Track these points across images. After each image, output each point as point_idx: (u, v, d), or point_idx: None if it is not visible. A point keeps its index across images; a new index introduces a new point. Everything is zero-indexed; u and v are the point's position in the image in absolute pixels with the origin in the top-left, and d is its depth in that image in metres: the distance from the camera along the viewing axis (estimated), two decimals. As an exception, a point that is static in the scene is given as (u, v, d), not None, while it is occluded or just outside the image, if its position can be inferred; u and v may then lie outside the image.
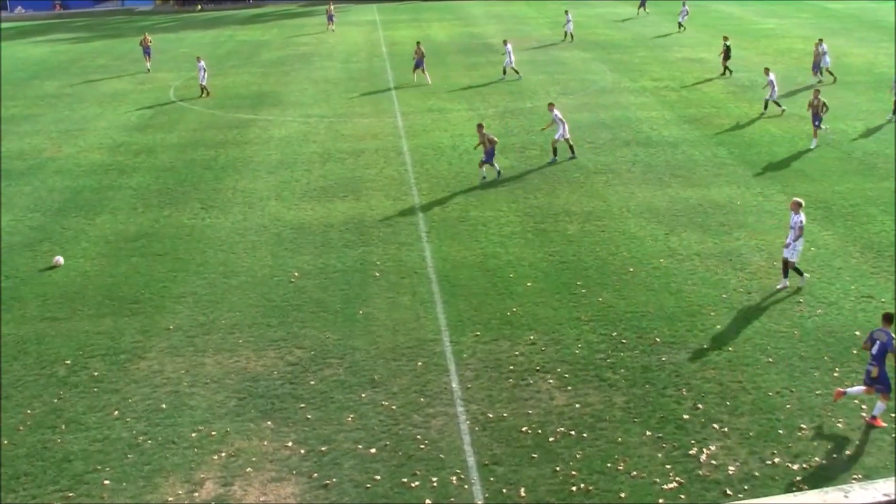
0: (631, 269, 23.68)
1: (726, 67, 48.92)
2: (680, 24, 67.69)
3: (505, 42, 51.23)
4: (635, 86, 47.32)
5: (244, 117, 42.68)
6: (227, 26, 79.81)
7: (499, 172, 31.43)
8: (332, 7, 78.37)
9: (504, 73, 50.26)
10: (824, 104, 34.60)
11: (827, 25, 69.44)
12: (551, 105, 33.72)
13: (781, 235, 25.84)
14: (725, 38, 50.44)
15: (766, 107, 39.90)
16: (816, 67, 47.34)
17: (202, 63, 48.61)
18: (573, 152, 33.82)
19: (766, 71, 40.30)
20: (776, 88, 39.88)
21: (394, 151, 35.26)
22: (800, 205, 22.20)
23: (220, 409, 17.73)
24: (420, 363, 19.19)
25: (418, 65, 49.85)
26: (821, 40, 48.36)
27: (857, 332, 20.15)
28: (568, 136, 33.37)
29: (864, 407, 17.26)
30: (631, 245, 25.39)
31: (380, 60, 57.97)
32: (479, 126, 31.70)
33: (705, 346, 19.64)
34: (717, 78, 48.08)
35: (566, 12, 66.30)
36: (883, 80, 47.32)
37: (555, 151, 33.52)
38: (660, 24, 71.52)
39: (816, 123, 34.42)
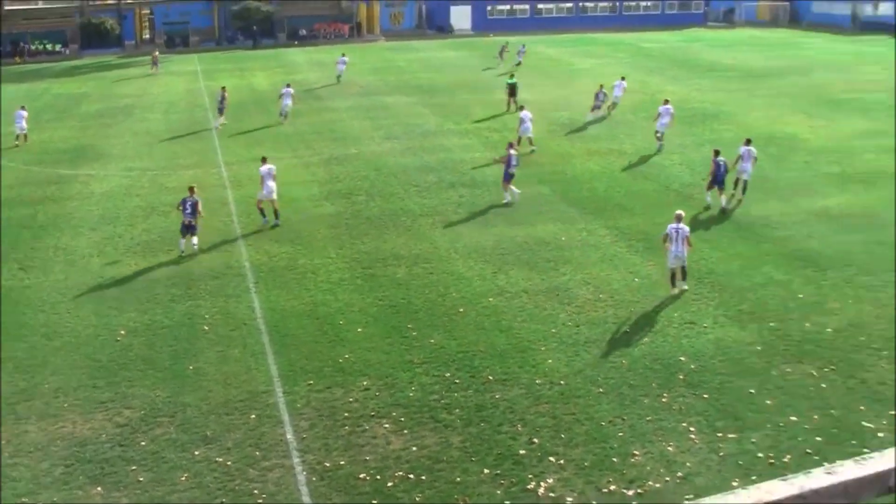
0: (461, 310, 23.83)
1: (511, 103, 50.40)
2: (519, 63, 69.87)
3: (288, 85, 52.05)
4: (459, 128, 47.95)
5: (64, 172, 41.40)
6: (44, 79, 77.54)
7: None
8: (157, 53, 78.37)
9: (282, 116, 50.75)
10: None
11: (642, 64, 72.01)
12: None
13: (606, 269, 26.58)
14: (511, 76, 52.28)
15: (518, 142, 40.29)
16: (596, 108, 49.29)
17: (24, 112, 47.50)
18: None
19: (521, 108, 41.88)
20: (528, 126, 41.39)
21: (219, 202, 34.72)
22: (680, 217, 24.70)
23: (46, 478, 16.95)
24: (253, 416, 18.81)
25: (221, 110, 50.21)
26: (622, 78, 51.96)
27: (682, 358, 20.77)
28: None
29: (692, 429, 17.74)
30: (460, 285, 25.57)
31: (202, 111, 57.18)
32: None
33: (537, 381, 19.86)
34: (537, 118, 49.03)
35: (342, 55, 67.65)
36: (696, 115, 49.32)
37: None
38: (480, 66, 72.78)
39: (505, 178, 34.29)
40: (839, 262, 27.07)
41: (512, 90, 51.80)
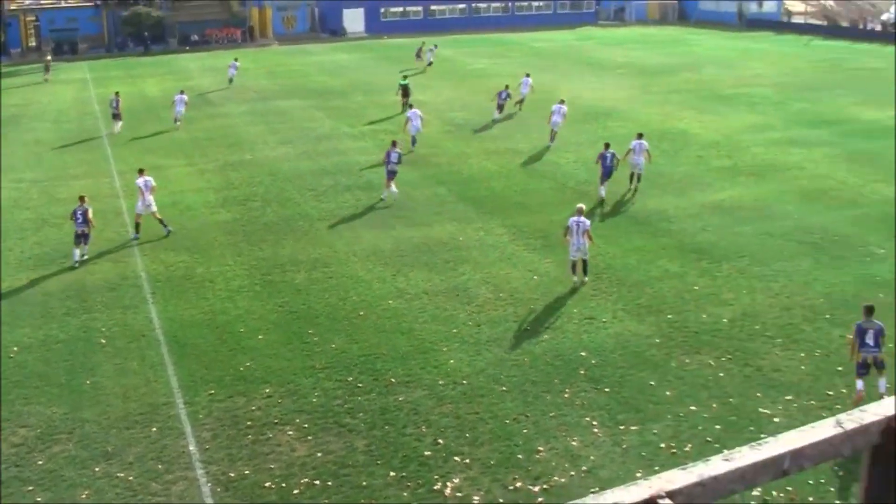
0: (361, 313, 23.75)
1: (404, 104, 50.62)
2: (430, 63, 70.38)
3: (182, 91, 51.36)
4: (354, 131, 47.81)
5: (-54, 188, 40.24)
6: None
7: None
8: (49, 59, 76.61)
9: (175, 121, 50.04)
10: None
11: (535, 63, 72.48)
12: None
13: (504, 267, 26.71)
14: (405, 77, 52.54)
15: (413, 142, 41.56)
16: (501, 107, 49.66)
17: None
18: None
19: (410, 107, 43.37)
20: (417, 124, 41.89)
21: (112, 213, 34.02)
22: (581, 210, 25.48)
23: (-63, 501, 16.47)
24: (154, 429, 18.48)
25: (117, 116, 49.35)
26: (527, 75, 52.04)
27: (583, 353, 20.98)
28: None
29: (595, 423, 17.94)
30: (359, 289, 25.48)
31: (92, 119, 55.98)
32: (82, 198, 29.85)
33: (440, 382, 19.89)
34: (432, 118, 49.10)
35: (234, 59, 67.19)
36: (589, 113, 49.90)
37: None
38: (374, 68, 72.61)
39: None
40: (732, 254, 27.65)
41: (405, 91, 51.88)
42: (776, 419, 18.11)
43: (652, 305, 23.96)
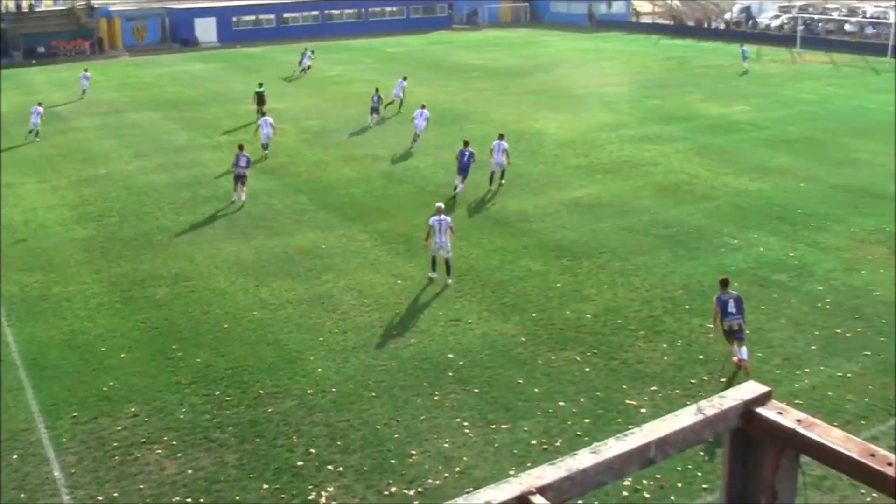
0: (226, 326, 23.43)
1: (259, 112, 50.47)
2: (309, 67, 71.06)
3: (39, 104, 49.95)
4: (210, 141, 47.09)
5: None
6: None
7: None
8: None
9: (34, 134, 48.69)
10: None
11: (389, 69, 72.61)
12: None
13: (368, 273, 26.70)
14: (260, 84, 52.26)
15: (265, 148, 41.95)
16: (374, 110, 50.05)
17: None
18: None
19: (263, 115, 43.39)
20: (268, 131, 42.01)
21: (-40, 235, 32.86)
22: (440, 209, 26.07)
23: None
24: (15, 456, 17.87)
25: None
26: (404, 78, 54.13)
27: (451, 355, 21.11)
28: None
29: (466, 424, 18.08)
30: (223, 301, 25.13)
31: (-67, 140, 53.98)
32: None
33: (309, 391, 19.77)
34: (289, 127, 48.71)
35: (84, 70, 65.79)
36: (446, 116, 50.21)
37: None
38: (228, 77, 71.71)
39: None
40: (593, 250, 28.18)
41: (260, 99, 51.39)
42: (643, 410, 18.55)
43: (516, 305, 24.25)
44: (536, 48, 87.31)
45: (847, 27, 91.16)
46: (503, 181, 35.71)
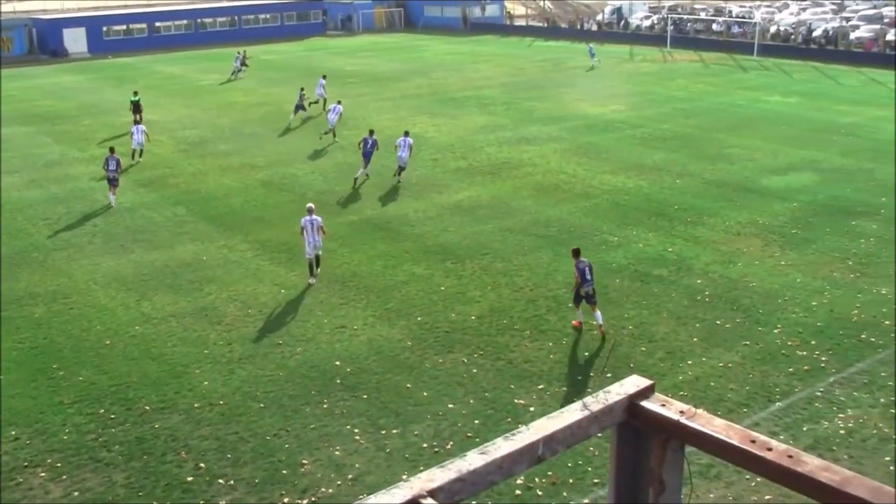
0: (108, 342, 22.94)
1: (136, 121, 50.11)
2: (240, 69, 72.15)
3: None
4: (84, 155, 45.98)
5: None
6: None
7: None
8: None
9: None
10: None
11: (266, 76, 72.07)
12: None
13: (251, 283, 26.44)
14: (136, 93, 51.62)
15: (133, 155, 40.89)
16: (299, 108, 51.32)
17: None
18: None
19: (136, 123, 42.34)
20: (139, 138, 42.19)
21: None
22: (311, 210, 26.77)
23: None
24: None
25: None
26: (324, 76, 56.33)
27: (338, 363, 21.04)
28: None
29: (356, 430, 18.02)
30: (103, 317, 24.59)
31: None
32: None
33: (196, 405, 19.49)
34: (164, 138, 47.91)
35: None
36: (323, 123, 49.94)
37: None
38: (99, 89, 70.30)
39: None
40: (475, 252, 28.37)
41: (136, 107, 50.59)
42: (531, 408, 18.75)
43: (401, 309, 24.28)
44: (412, 52, 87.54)
45: (715, 26, 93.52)
46: (401, 178, 37.26)
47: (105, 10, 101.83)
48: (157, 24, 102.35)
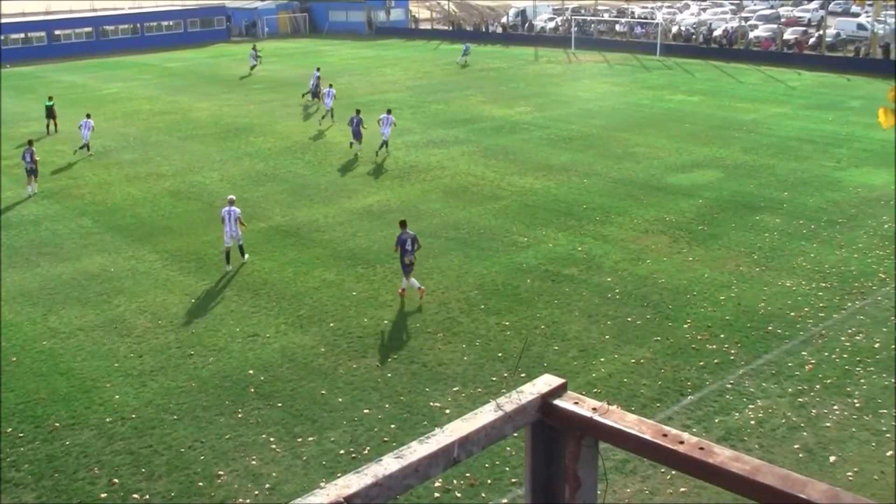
0: (14, 359, 22.42)
1: (50, 126, 49.60)
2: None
3: None
4: (-16, 168, 45.01)
5: None
6: None
7: None
8: None
9: None
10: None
11: (169, 84, 71.23)
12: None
13: (161, 294, 26.09)
14: (50, 98, 50.93)
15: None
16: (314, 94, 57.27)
17: None
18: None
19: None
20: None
21: None
22: (232, 201, 28.36)
23: None
24: None
25: None
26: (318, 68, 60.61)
27: (251, 371, 20.88)
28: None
29: (272, 439, 17.89)
30: (9, 333, 24.04)
31: None
32: None
33: (108, 420, 19.15)
34: (67, 148, 47.02)
35: None
36: (230, 130, 49.58)
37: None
38: (4, 97, 68.90)
39: None
40: (386, 257, 28.33)
41: (50, 112, 50.26)
42: (447, 411, 18.80)
43: (313, 316, 24.17)
44: (317, 58, 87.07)
45: (618, 28, 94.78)
46: (386, 150, 42.86)
47: (2, 17, 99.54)
48: (57, 31, 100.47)
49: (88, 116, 45.65)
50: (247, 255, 28.56)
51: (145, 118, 55.89)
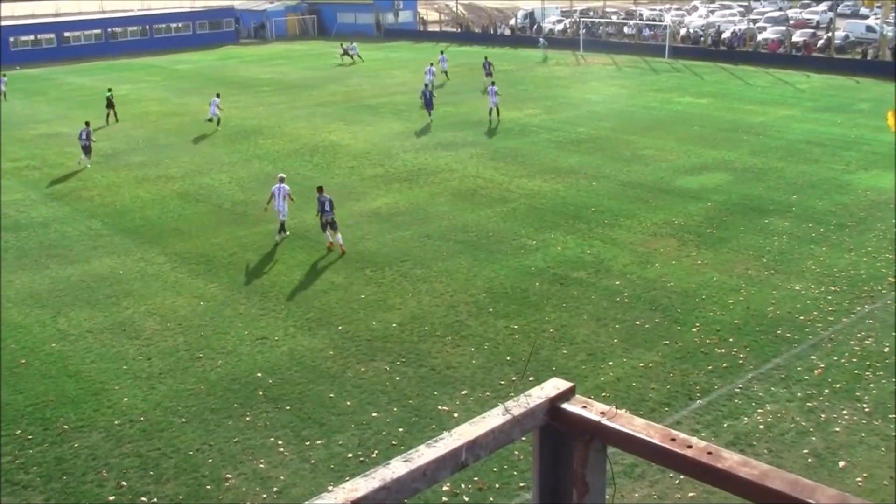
0: (23, 361, 22.46)
1: (109, 117, 50.83)
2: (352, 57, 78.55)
3: None
4: (-7, 171, 45.17)
5: None
6: None
7: None
8: None
9: None
10: None
11: (179, 86, 71.39)
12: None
13: (170, 296, 26.13)
14: (109, 90, 52.09)
15: None
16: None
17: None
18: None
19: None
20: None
21: None
22: (282, 179, 31.66)
23: None
24: None
25: None
26: (431, 64, 63.06)
27: (259, 374, 20.88)
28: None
29: (280, 443, 17.89)
30: (18, 335, 24.08)
31: None
32: None
33: (116, 422, 19.18)
34: (77, 149, 47.08)
35: None
36: (239, 132, 49.66)
37: None
38: (12, 99, 69.02)
39: None
40: (394, 259, 28.36)
41: (109, 103, 52.01)
42: (455, 414, 18.78)
43: (322, 318, 24.18)
44: (326, 60, 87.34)
45: (626, 30, 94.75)
46: (499, 117, 50.78)
47: (12, 19, 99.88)
48: (66, 34, 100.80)
49: (218, 96, 52.02)
50: (286, 234, 31.04)
51: (154, 120, 56.04)
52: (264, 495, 16.33)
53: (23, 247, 31.59)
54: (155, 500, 16.37)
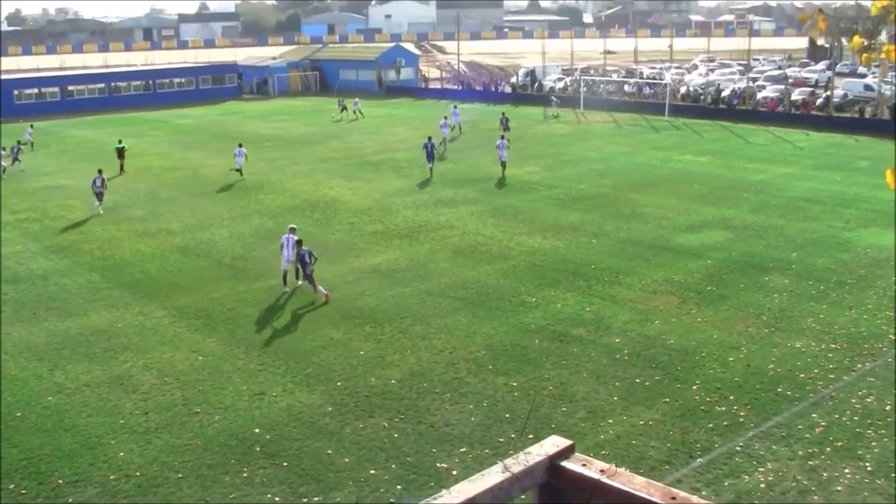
0: (18, 414, 22.31)
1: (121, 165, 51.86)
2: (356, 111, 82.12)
3: None
4: (-6, 223, 45.21)
5: None
6: None
7: None
8: None
9: None
10: None
11: (181, 140, 71.73)
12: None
13: (168, 350, 26.03)
14: (120, 141, 52.33)
15: None
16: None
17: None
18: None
19: None
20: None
21: None
22: (293, 230, 31.79)
23: None
24: None
25: None
26: (446, 117, 66.72)
27: (257, 430, 20.74)
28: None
29: (277, 499, 17.71)
30: (14, 388, 23.94)
31: None
32: None
33: (112, 477, 19.01)
34: (79, 203, 47.24)
35: None
36: (241, 188, 49.80)
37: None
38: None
39: None
40: (394, 315, 28.28)
41: (120, 153, 52.63)
42: (454, 472, 18.62)
43: (320, 374, 24.07)
44: (327, 116, 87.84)
45: (627, 88, 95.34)
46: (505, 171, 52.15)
47: (16, 73, 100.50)
48: (70, 87, 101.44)
49: (241, 144, 53.64)
50: (300, 281, 31.13)
51: (156, 174, 56.25)
52: (260, 553, 16.14)
53: (21, 299, 31.52)
54: (149, 556, 16.18)
